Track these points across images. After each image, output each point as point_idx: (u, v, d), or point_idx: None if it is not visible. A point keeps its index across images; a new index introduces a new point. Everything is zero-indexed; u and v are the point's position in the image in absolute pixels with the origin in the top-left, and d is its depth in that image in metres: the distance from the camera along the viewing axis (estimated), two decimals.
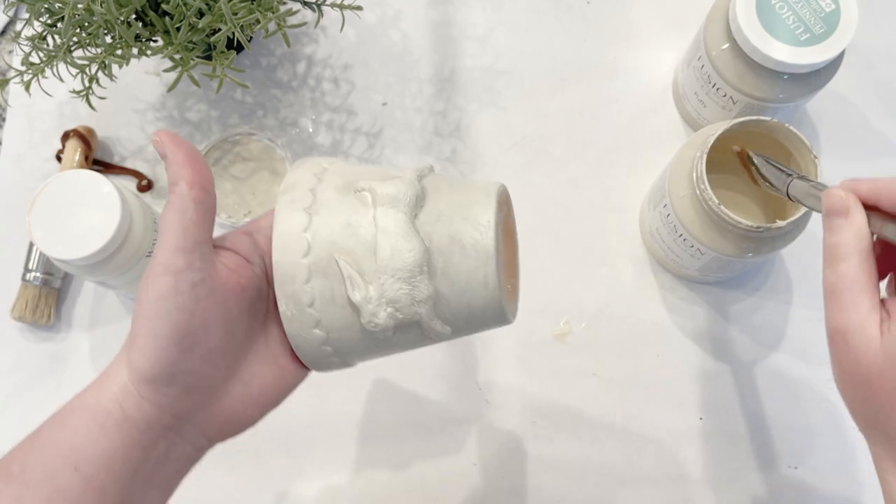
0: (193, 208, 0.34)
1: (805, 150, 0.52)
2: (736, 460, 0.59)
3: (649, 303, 0.62)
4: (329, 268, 0.35)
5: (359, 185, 0.36)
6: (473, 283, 0.36)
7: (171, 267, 0.33)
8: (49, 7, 0.52)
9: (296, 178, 0.37)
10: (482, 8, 0.68)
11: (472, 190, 0.37)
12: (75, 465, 0.34)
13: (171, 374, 0.34)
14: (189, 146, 0.35)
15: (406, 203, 0.35)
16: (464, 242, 0.35)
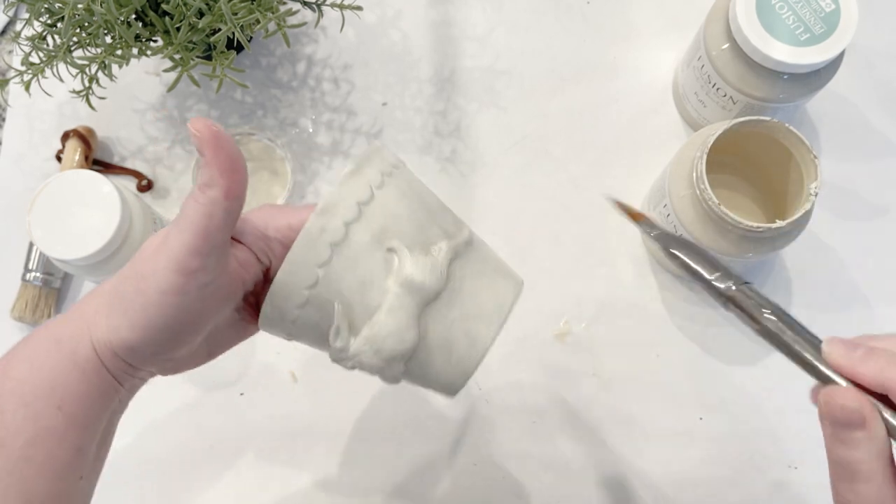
0: (223, 217, 0.33)
1: (805, 150, 0.52)
2: (736, 460, 0.59)
3: (649, 303, 0.62)
4: (325, 306, 0.36)
5: (393, 243, 0.36)
6: (442, 382, 0.38)
7: (184, 267, 0.33)
8: (49, 7, 0.52)
9: (338, 200, 0.35)
10: (482, 8, 0.68)
11: (488, 297, 0.37)
12: (58, 405, 0.34)
13: (153, 351, 0.35)
14: (230, 146, 0.33)
15: (423, 296, 0.35)
16: (452, 352, 0.36)
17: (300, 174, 0.64)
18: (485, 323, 0.37)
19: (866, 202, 0.64)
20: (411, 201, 0.37)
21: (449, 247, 0.36)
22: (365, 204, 0.36)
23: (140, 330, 0.34)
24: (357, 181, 0.36)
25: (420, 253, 0.36)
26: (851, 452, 0.30)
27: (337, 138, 0.65)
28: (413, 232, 0.36)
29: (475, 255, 0.38)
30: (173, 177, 0.64)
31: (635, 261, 0.63)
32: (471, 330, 0.37)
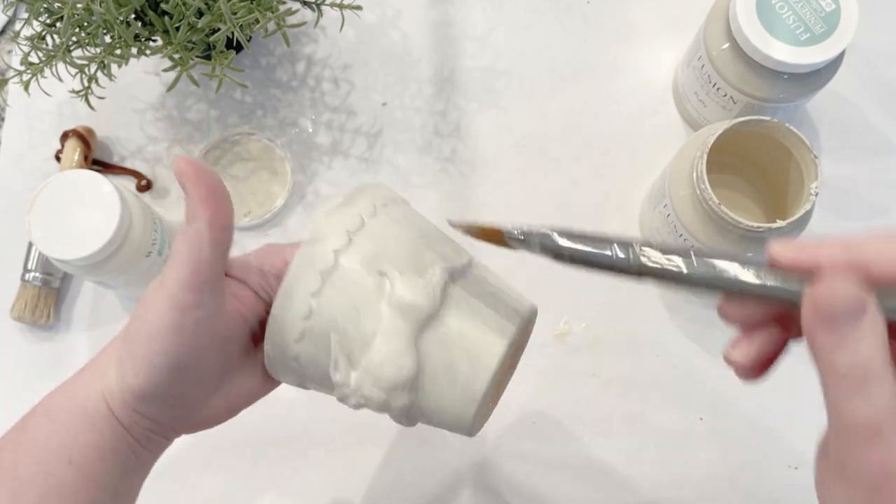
0: (210, 249, 0.33)
1: (805, 150, 0.52)
2: (736, 460, 0.59)
3: (649, 303, 0.62)
4: (321, 339, 0.35)
5: (384, 266, 0.35)
6: (449, 413, 0.36)
7: (178, 303, 0.33)
8: (48, 7, 0.52)
9: (327, 230, 0.35)
10: (482, 8, 0.68)
11: (490, 319, 0.35)
12: (69, 459, 0.35)
13: (162, 395, 0.35)
14: (211, 178, 0.33)
15: (417, 318, 0.34)
16: (456, 377, 0.35)
17: (300, 174, 0.64)
18: (487, 342, 0.35)
19: (866, 202, 0.64)
20: (404, 228, 0.36)
21: (443, 269, 0.35)
22: (355, 232, 0.35)
23: (144, 372, 0.34)
24: (347, 211, 0.36)
25: (413, 276, 0.35)
26: (855, 352, 0.25)
27: (337, 138, 0.65)
28: (406, 256, 0.35)
29: (476, 277, 0.37)
30: (173, 177, 0.64)
31: None
32: (471, 349, 0.35)
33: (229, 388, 0.38)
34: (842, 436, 0.26)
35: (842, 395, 0.26)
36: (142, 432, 0.36)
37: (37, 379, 0.60)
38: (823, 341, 0.26)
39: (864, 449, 0.25)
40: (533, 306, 0.38)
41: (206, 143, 0.64)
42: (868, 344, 0.25)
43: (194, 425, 0.38)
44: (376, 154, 0.65)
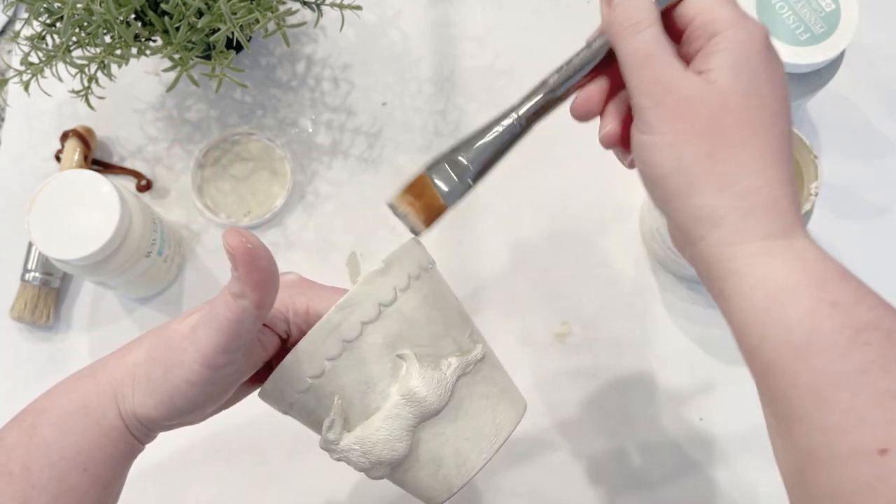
0: (252, 323, 0.34)
1: (805, 151, 0.52)
2: (736, 460, 0.59)
3: (649, 303, 0.62)
4: (325, 398, 0.37)
5: (404, 350, 0.36)
6: (424, 493, 0.38)
7: (213, 363, 0.34)
8: (48, 7, 0.52)
9: (360, 298, 0.36)
10: (482, 7, 0.68)
11: (487, 420, 0.37)
12: (84, 467, 0.36)
13: (177, 423, 0.38)
14: (265, 260, 0.33)
15: (423, 411, 0.36)
16: (439, 470, 0.37)
17: (300, 174, 0.64)
18: (478, 447, 0.37)
19: (866, 202, 0.64)
20: (432, 309, 0.37)
21: (459, 364, 0.37)
22: (386, 306, 0.36)
23: (165, 411, 0.36)
24: (383, 281, 0.36)
25: (429, 365, 0.36)
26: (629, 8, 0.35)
27: (336, 138, 0.65)
28: (427, 341, 0.37)
29: (483, 376, 0.38)
30: (173, 176, 0.64)
31: (635, 261, 0.63)
32: (462, 451, 0.37)
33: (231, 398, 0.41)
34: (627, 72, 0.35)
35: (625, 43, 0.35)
36: (147, 437, 0.39)
37: (37, 379, 0.60)
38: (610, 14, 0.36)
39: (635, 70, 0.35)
40: (525, 406, 0.40)
41: (206, 143, 0.64)
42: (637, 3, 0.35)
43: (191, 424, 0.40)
44: (376, 154, 0.65)
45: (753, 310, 0.32)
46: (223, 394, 0.37)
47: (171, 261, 0.60)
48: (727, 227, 0.33)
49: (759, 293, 0.32)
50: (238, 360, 0.35)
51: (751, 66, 0.34)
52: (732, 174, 0.33)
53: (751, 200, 0.33)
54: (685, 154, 0.33)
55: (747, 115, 0.34)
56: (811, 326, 0.31)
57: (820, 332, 0.31)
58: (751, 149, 0.33)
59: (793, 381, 0.31)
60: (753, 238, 0.33)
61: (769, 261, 0.32)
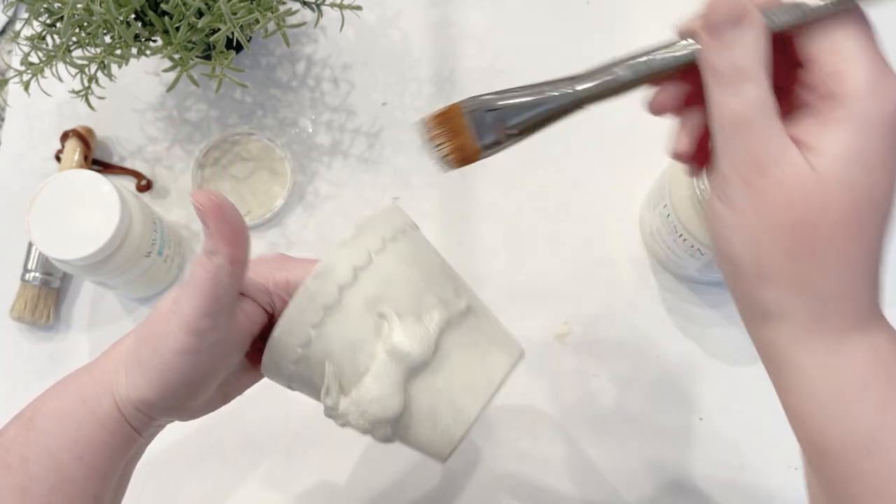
0: (229, 282, 0.35)
1: None
2: (736, 460, 0.59)
3: (649, 303, 0.62)
4: (317, 365, 0.37)
5: (384, 308, 0.36)
6: (429, 448, 0.38)
7: (196, 328, 0.35)
8: (48, 7, 0.52)
9: (334, 264, 0.36)
10: (482, 8, 0.68)
11: (477, 374, 0.37)
12: (80, 456, 0.37)
13: (172, 406, 0.38)
14: (233, 216, 0.34)
15: (410, 365, 0.36)
16: (438, 422, 0.37)
17: (300, 174, 0.64)
18: (472, 396, 0.37)
19: None
20: (410, 268, 0.37)
21: (441, 317, 0.37)
22: (361, 269, 0.37)
23: (158, 388, 0.36)
24: (356, 246, 0.37)
25: (411, 321, 0.36)
26: (731, 53, 0.29)
27: (336, 138, 0.65)
28: (407, 298, 0.37)
29: (470, 326, 0.38)
30: (173, 176, 0.64)
31: (635, 261, 0.63)
32: (456, 401, 0.37)
33: (227, 385, 0.41)
34: (717, 129, 0.30)
35: (718, 92, 0.29)
36: (145, 427, 0.39)
37: (37, 379, 0.61)
38: (707, 46, 0.30)
39: (727, 136, 0.29)
40: (520, 352, 0.39)
41: (206, 143, 0.64)
42: (745, 47, 0.29)
43: (190, 417, 0.41)
44: (376, 154, 0.65)
45: (815, 401, 0.30)
46: (213, 370, 0.37)
47: (171, 261, 0.60)
48: (796, 322, 0.29)
49: (822, 386, 0.30)
50: (221, 326, 0.35)
51: (871, 155, 0.28)
52: (813, 280, 0.29)
53: (828, 305, 0.29)
54: (764, 245, 0.29)
55: (849, 217, 0.28)
56: (879, 423, 0.29)
57: (889, 430, 0.28)
58: (841, 256, 0.28)
59: (857, 478, 0.29)
60: (823, 334, 0.29)
61: (838, 354, 0.29)
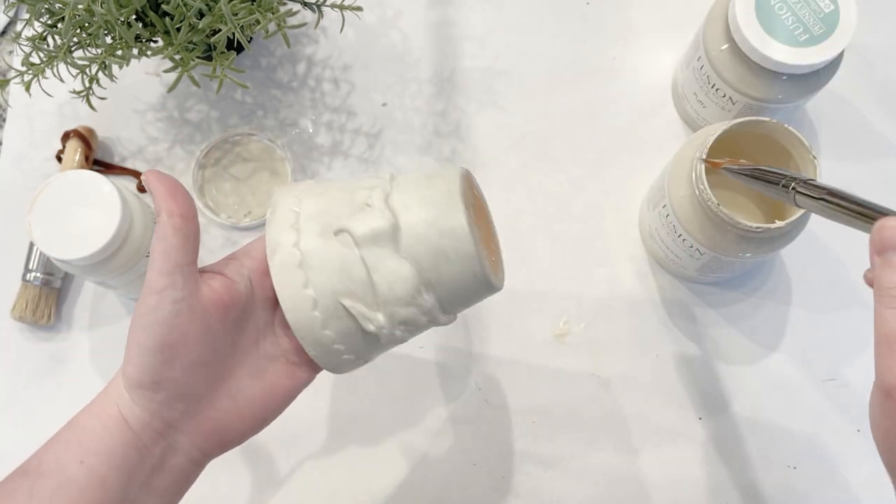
0: (173, 234, 0.37)
1: (804, 151, 0.52)
2: (736, 460, 0.59)
3: (649, 303, 0.62)
4: (338, 311, 0.39)
5: (335, 225, 0.39)
6: (465, 281, 0.39)
7: (154, 286, 0.37)
8: (49, 7, 0.52)
9: (275, 237, 0.39)
10: (482, 8, 0.68)
11: (437, 196, 0.39)
12: (81, 459, 0.37)
13: (156, 381, 0.37)
14: (171, 181, 0.39)
15: (385, 238, 0.38)
16: (447, 254, 0.38)
17: (300, 174, 0.65)
18: (450, 211, 0.38)
19: None
20: (327, 190, 0.41)
21: (379, 191, 0.39)
22: (295, 221, 0.39)
23: (135, 358, 0.37)
24: (279, 218, 0.40)
25: (358, 212, 0.39)
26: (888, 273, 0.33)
27: (337, 139, 0.65)
28: (344, 206, 0.39)
29: (405, 179, 0.40)
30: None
31: (635, 261, 0.63)
32: (444, 229, 0.38)
33: (234, 388, 0.39)
34: (879, 345, 0.32)
35: (883, 306, 0.33)
36: (151, 437, 0.38)
37: (37, 379, 0.61)
38: (876, 263, 0.34)
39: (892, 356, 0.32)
40: (460, 170, 0.41)
41: (207, 144, 0.64)
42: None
43: (209, 435, 0.39)
44: (376, 154, 0.65)
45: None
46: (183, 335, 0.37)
47: None
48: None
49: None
50: (178, 284, 0.37)
51: None
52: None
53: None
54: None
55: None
56: None
57: None
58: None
59: None
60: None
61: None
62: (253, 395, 0.40)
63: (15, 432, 0.60)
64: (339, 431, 0.60)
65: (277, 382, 0.41)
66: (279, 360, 0.41)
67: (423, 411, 0.60)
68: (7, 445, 0.59)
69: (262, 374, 0.40)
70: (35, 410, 0.60)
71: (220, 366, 0.39)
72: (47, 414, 0.60)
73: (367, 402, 0.60)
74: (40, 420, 0.60)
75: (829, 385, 0.60)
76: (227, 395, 0.39)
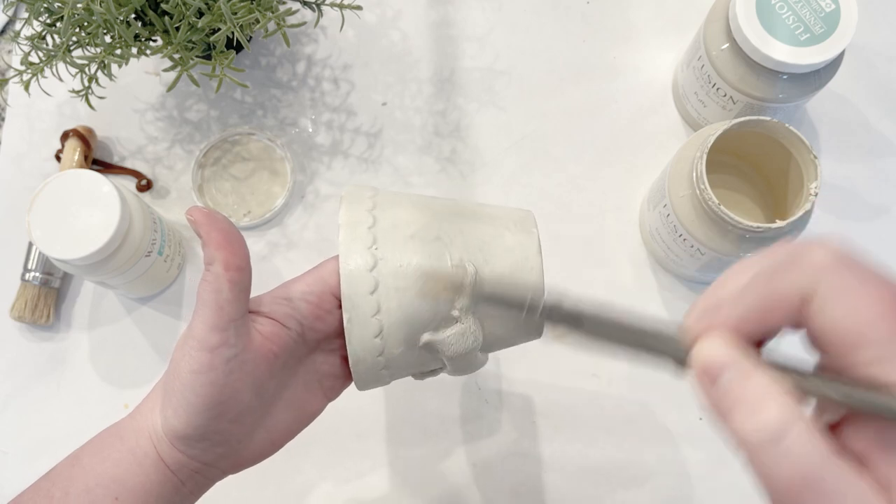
0: (229, 288, 0.35)
1: (805, 150, 0.52)
2: (736, 460, 0.59)
3: (649, 303, 0.62)
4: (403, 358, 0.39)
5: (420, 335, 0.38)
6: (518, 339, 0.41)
7: (206, 344, 0.35)
8: (48, 7, 0.52)
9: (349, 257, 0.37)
10: (482, 8, 0.68)
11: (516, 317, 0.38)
12: (116, 496, 0.36)
13: (202, 435, 0.36)
14: (224, 224, 0.36)
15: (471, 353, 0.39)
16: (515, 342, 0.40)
17: (300, 174, 0.64)
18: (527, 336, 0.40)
19: (866, 202, 0.64)
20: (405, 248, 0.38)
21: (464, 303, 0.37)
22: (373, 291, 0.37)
23: (183, 413, 0.35)
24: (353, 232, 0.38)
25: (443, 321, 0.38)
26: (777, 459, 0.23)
27: (337, 138, 0.65)
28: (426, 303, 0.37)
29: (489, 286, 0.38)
30: (173, 176, 0.64)
31: (635, 261, 0.63)
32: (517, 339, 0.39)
33: (270, 422, 0.39)
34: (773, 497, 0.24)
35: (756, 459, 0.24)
36: (188, 474, 0.37)
37: (36, 379, 0.61)
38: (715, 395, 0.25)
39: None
40: (532, 218, 0.41)
41: (206, 143, 0.64)
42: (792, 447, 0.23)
43: (239, 464, 0.39)
44: (376, 154, 0.65)
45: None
46: (235, 391, 0.36)
47: (172, 261, 0.60)
48: None
49: None
50: (231, 341, 0.35)
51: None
52: None
53: None
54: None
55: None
56: None
57: None
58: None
59: None
60: None
61: None
62: (286, 424, 0.40)
63: (14, 432, 0.60)
64: (339, 431, 0.60)
65: (310, 409, 0.40)
66: (314, 386, 0.41)
67: (422, 411, 0.60)
68: (7, 445, 0.59)
69: (298, 403, 0.40)
70: (34, 410, 0.60)
71: (265, 408, 0.38)
72: (46, 414, 0.60)
73: (366, 401, 0.60)
74: (39, 420, 0.60)
75: None
76: (264, 429, 0.39)
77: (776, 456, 0.23)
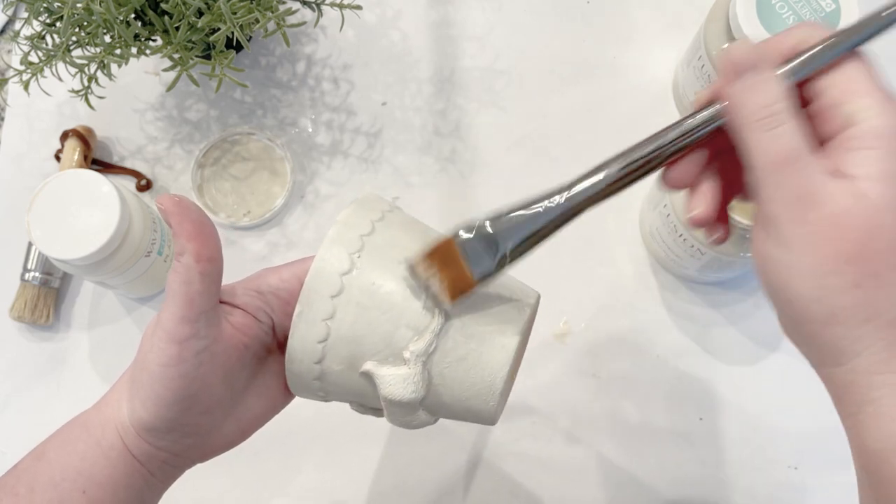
0: (199, 279, 0.34)
1: None
2: (736, 460, 0.59)
3: (649, 303, 0.62)
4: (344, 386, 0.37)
5: (365, 367, 0.35)
6: (470, 417, 0.37)
7: (176, 336, 0.34)
8: (48, 6, 0.52)
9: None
10: (482, 8, 0.68)
11: (476, 379, 0.35)
12: (83, 489, 0.35)
13: (170, 427, 0.36)
14: (195, 213, 0.34)
15: (409, 405, 0.35)
16: (466, 418, 0.37)
17: (300, 174, 0.64)
18: (481, 402, 0.36)
19: None
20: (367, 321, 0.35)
21: (417, 349, 0.35)
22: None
23: (152, 406, 0.35)
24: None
25: (392, 363, 0.35)
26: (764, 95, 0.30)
27: (337, 138, 0.65)
28: (382, 333, 0.35)
29: (453, 340, 0.35)
30: (172, 176, 0.64)
31: (635, 261, 0.63)
32: (472, 408, 0.36)
33: (241, 412, 0.39)
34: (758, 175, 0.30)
35: (756, 136, 0.30)
36: (157, 465, 0.37)
37: (36, 379, 0.60)
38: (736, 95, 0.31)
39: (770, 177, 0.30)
40: (535, 298, 0.39)
41: (206, 143, 0.64)
42: (770, 89, 0.30)
43: (208, 454, 0.39)
44: (376, 154, 0.65)
45: (892, 440, 0.29)
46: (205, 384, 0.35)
47: (171, 260, 0.60)
48: (868, 357, 0.29)
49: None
50: (203, 333, 0.34)
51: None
52: (881, 303, 0.29)
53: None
54: (829, 283, 0.29)
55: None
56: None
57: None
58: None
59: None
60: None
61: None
62: (256, 414, 0.40)
63: (14, 432, 0.60)
64: (338, 431, 0.60)
65: (280, 398, 0.40)
66: (282, 374, 0.40)
67: None
68: (6, 445, 0.59)
69: (267, 391, 0.40)
70: (34, 410, 0.60)
71: (235, 399, 0.38)
72: (46, 414, 0.60)
73: None
74: (39, 420, 0.60)
75: None
76: (234, 419, 0.38)
77: (772, 136, 0.30)
